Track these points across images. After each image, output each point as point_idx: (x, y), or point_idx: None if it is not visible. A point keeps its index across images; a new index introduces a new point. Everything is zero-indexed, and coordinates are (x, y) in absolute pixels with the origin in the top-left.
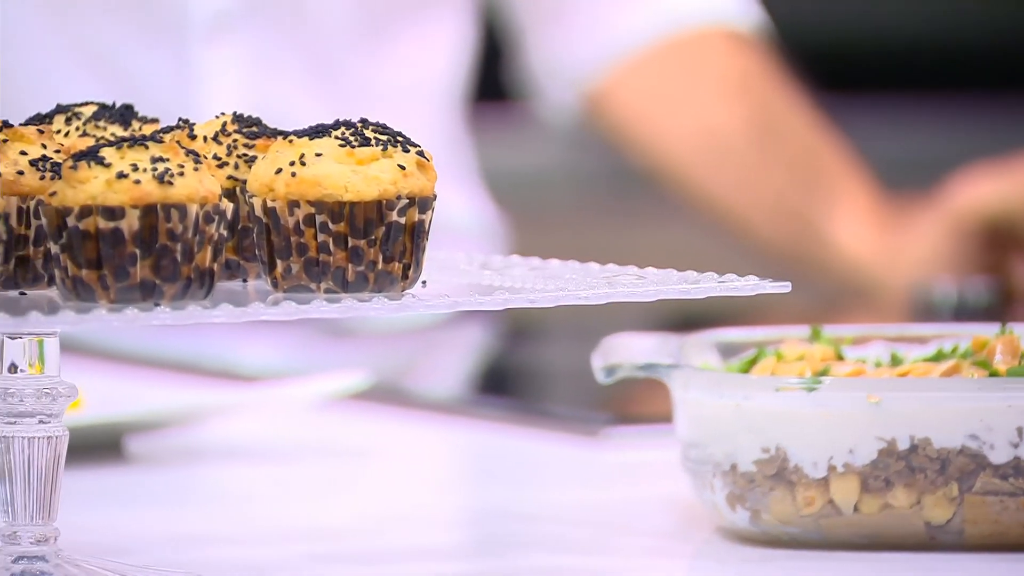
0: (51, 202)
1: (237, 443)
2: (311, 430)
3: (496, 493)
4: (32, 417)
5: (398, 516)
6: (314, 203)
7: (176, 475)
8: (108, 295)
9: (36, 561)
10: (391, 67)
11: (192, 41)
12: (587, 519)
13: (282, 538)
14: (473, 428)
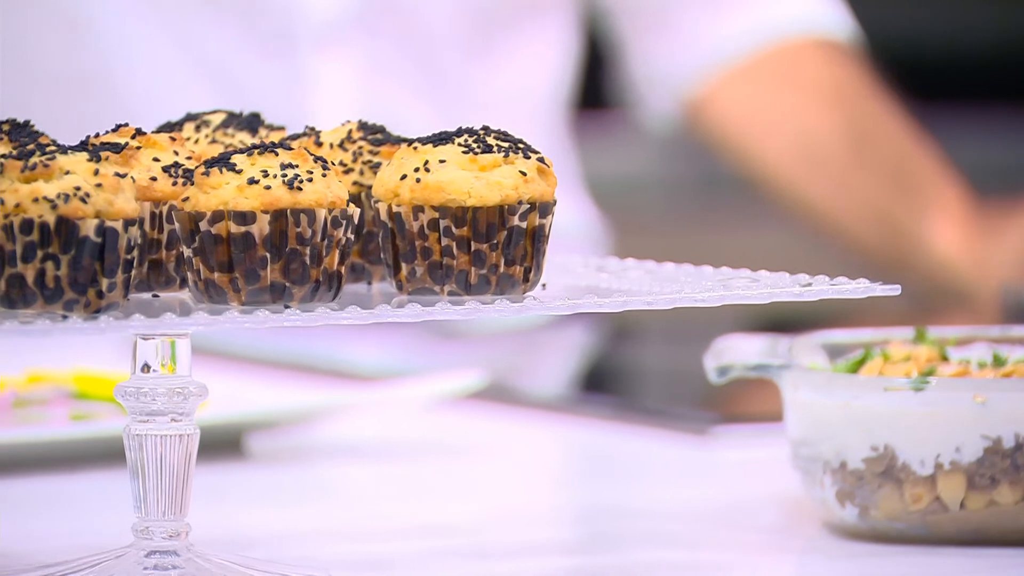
0: (184, 207)
1: (355, 441)
2: (426, 429)
3: (606, 490)
4: (164, 416)
5: (510, 512)
6: (438, 208)
7: (295, 473)
8: (239, 297)
9: (168, 556)
10: (498, 75)
11: (303, 50)
12: (696, 515)
13: (400, 534)
14: (581, 426)
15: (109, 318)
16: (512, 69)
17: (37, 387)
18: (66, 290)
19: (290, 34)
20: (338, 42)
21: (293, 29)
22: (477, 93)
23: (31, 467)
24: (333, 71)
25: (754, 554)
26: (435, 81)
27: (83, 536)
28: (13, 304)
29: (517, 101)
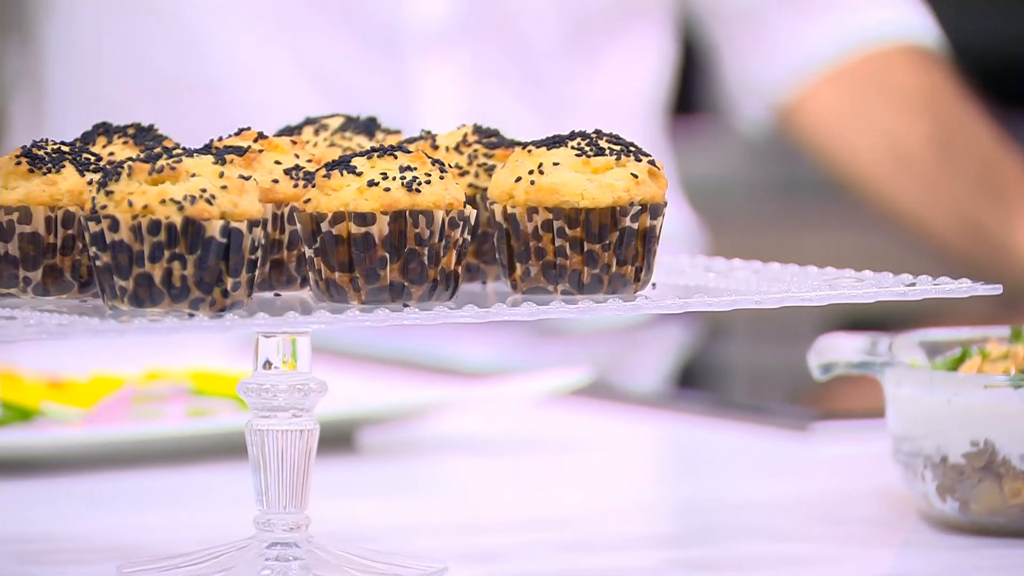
0: (305, 208)
1: (464, 436)
2: (532, 424)
3: (706, 484)
4: (286, 411)
5: (613, 506)
6: (552, 209)
7: (406, 467)
8: (359, 296)
9: (289, 547)
10: (598, 80)
11: (409, 57)
12: (797, 509)
13: (510, 527)
14: (680, 422)
15: (234, 316)
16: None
17: (155, 384)
18: (192, 289)
19: (397, 41)
20: (443, 48)
21: (399, 36)
22: (577, 98)
23: (151, 462)
24: (438, 77)
25: (854, 547)
26: (536, 86)
27: (205, 528)
28: (141, 303)
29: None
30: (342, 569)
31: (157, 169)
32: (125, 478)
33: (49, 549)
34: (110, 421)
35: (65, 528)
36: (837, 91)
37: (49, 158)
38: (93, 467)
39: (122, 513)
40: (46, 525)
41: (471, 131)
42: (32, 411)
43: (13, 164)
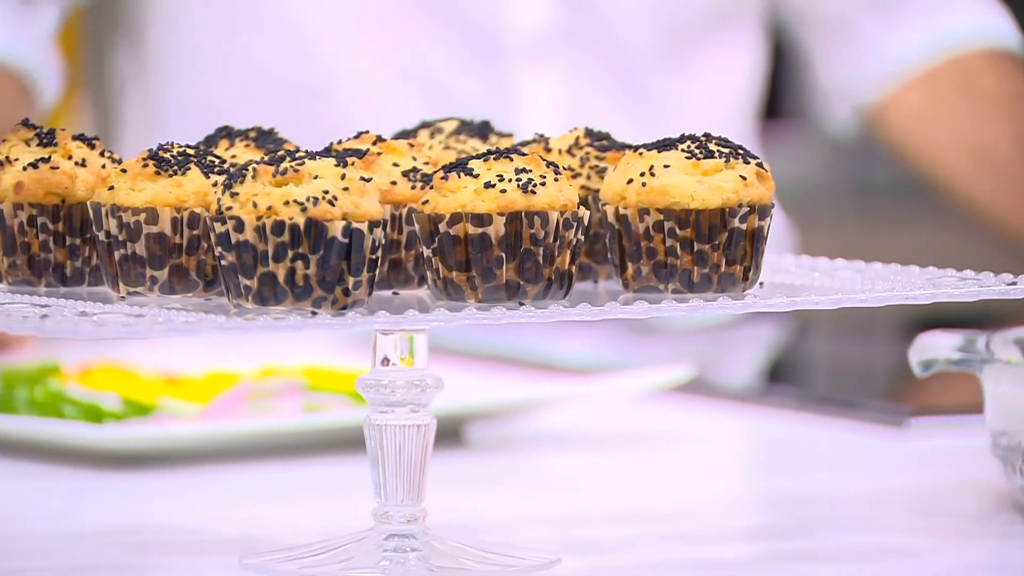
0: (423, 210)
1: (569, 431)
2: (632, 419)
3: (805, 478)
4: (403, 407)
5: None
6: (663, 210)
7: (514, 461)
8: (476, 295)
9: (407, 539)
10: (692, 85)
11: (510, 63)
12: (896, 502)
13: (617, 519)
14: (776, 418)
15: (355, 314)
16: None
17: (269, 380)
18: (315, 288)
19: (498, 48)
20: (543, 55)
21: (501, 43)
22: (672, 103)
23: (267, 456)
24: (537, 83)
25: (952, 539)
26: (632, 92)
27: (323, 520)
28: (265, 301)
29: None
30: (458, 560)
31: (281, 171)
32: (242, 472)
33: (172, 540)
34: (226, 416)
35: (187, 520)
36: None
37: (175, 160)
38: (210, 461)
39: (242, 505)
40: (168, 516)
41: (583, 134)
42: (150, 407)
43: (140, 167)
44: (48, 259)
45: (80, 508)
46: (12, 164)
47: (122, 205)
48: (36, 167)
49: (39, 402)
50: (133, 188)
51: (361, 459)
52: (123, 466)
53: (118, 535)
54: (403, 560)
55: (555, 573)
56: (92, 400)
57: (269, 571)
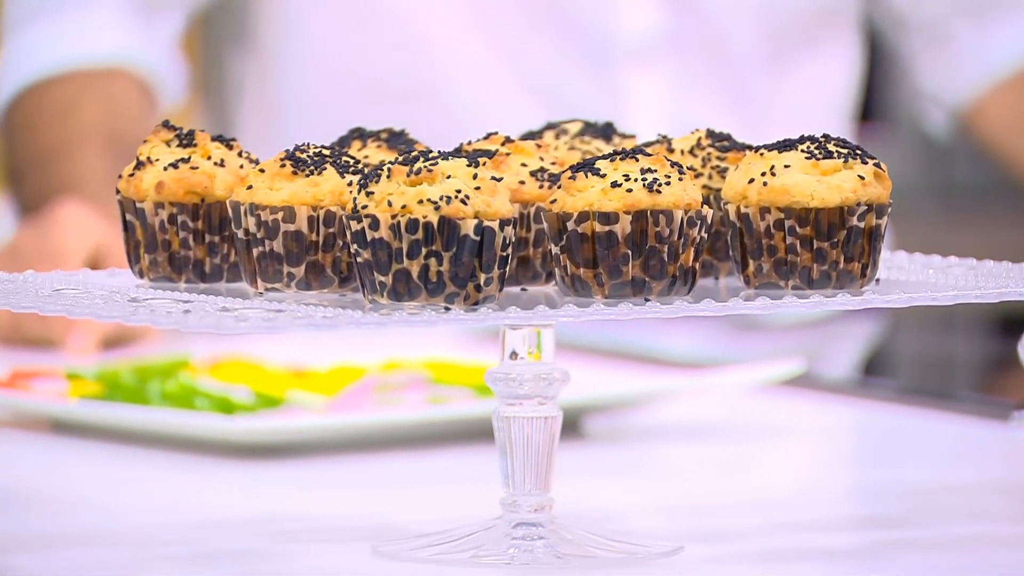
0: (552, 208)
1: (683, 423)
2: (743, 411)
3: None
4: (531, 399)
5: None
6: (783, 209)
7: (630, 452)
8: (603, 291)
9: (534, 527)
10: (793, 87)
11: (619, 66)
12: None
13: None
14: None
15: (487, 310)
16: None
17: (394, 373)
18: (448, 284)
19: (607, 51)
20: (650, 58)
21: (610, 46)
22: (773, 105)
23: (393, 447)
24: (645, 85)
25: None
26: (737, 94)
27: (452, 509)
28: (399, 297)
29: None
30: (584, 548)
31: (415, 171)
32: (369, 462)
33: (306, 528)
34: (353, 408)
35: (319, 508)
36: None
37: (311, 161)
38: (338, 452)
39: (372, 495)
40: (301, 506)
41: (704, 135)
42: (279, 399)
43: (278, 167)
44: (188, 256)
45: (213, 497)
46: (153, 164)
47: (260, 204)
48: (176, 167)
49: (172, 395)
50: (271, 187)
51: (485, 450)
52: (254, 457)
53: (252, 524)
54: (530, 548)
55: (678, 560)
56: (223, 393)
57: (401, 559)
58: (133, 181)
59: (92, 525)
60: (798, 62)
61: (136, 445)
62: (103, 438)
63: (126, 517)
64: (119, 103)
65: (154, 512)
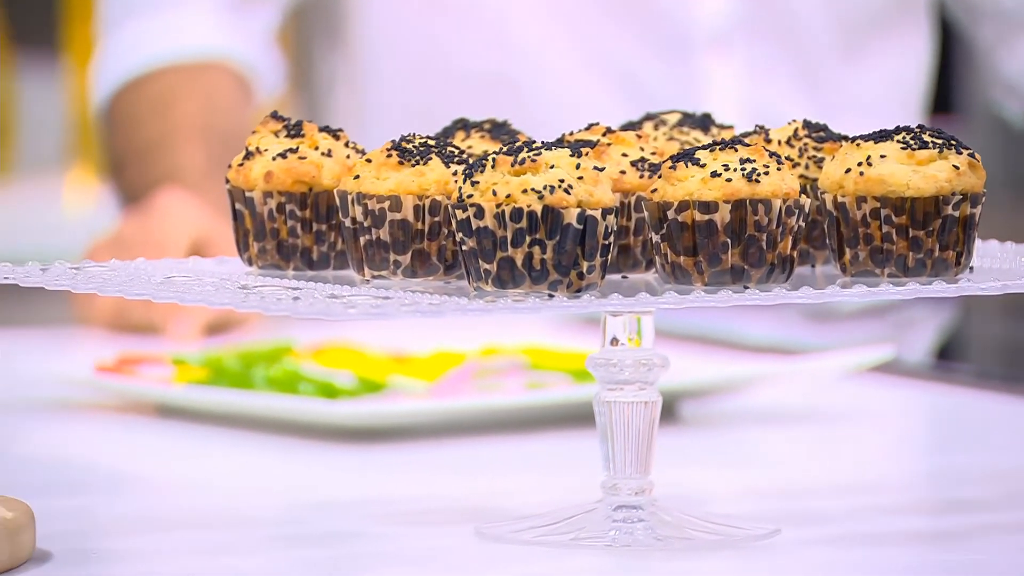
0: (652, 198)
1: (776, 408)
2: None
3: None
4: (631, 384)
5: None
6: (879, 198)
7: (725, 436)
8: (702, 278)
9: (634, 510)
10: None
11: (696, 54)
12: None
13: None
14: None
15: (590, 297)
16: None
17: (493, 359)
18: (551, 272)
19: (684, 39)
20: (725, 46)
21: (687, 34)
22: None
23: (493, 431)
24: (720, 72)
25: None
26: (811, 82)
27: (553, 492)
28: (504, 285)
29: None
30: (683, 530)
31: (519, 161)
32: (470, 446)
33: (409, 511)
34: (454, 393)
35: (422, 492)
36: None
37: (417, 151)
38: (439, 436)
39: (473, 478)
40: (404, 488)
41: (801, 126)
42: (381, 384)
43: (384, 157)
44: (296, 244)
45: (317, 481)
46: (262, 154)
47: (367, 193)
48: (285, 157)
49: (276, 380)
50: (378, 177)
51: (583, 434)
52: (356, 441)
53: (356, 506)
54: (630, 530)
55: (775, 543)
56: (326, 378)
57: (504, 540)
58: (242, 171)
59: (197, 508)
60: (870, 50)
61: (241, 429)
62: (208, 422)
63: (231, 500)
64: (216, 97)
65: (258, 495)
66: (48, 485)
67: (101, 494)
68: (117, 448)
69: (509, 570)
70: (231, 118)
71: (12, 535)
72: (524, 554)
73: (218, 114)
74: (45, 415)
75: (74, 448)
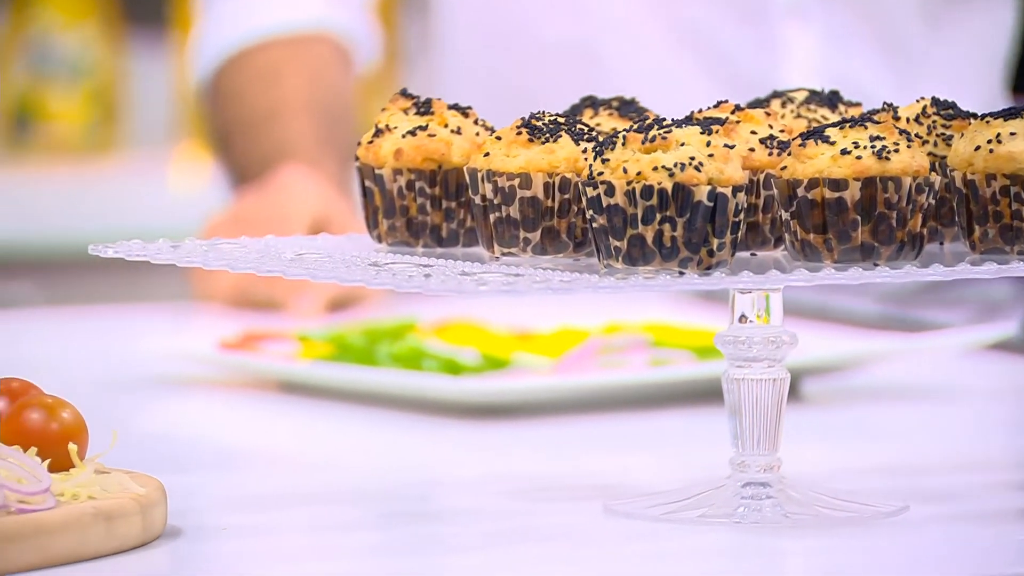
0: (781, 175)
1: (896, 384)
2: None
3: None
4: (760, 362)
5: None
6: (1009, 176)
7: (848, 413)
8: (832, 256)
9: (762, 487)
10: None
11: (775, 21)
12: None
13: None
14: None
15: (720, 274)
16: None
17: (616, 336)
18: (681, 249)
19: (764, 6)
20: (806, 14)
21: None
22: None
23: (617, 407)
24: (801, 41)
25: None
26: (891, 51)
27: (681, 469)
28: (634, 262)
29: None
30: (811, 507)
31: (650, 139)
32: (595, 423)
33: (536, 487)
34: (578, 370)
35: (549, 468)
36: None
37: (547, 128)
38: (563, 413)
39: (599, 454)
40: (530, 465)
41: (929, 103)
42: (505, 361)
43: (514, 134)
44: (425, 221)
45: (442, 457)
46: (391, 132)
47: (497, 170)
48: (414, 134)
49: (400, 356)
50: (508, 154)
51: (706, 412)
52: (481, 417)
53: (482, 483)
54: (759, 507)
55: (905, 520)
56: (450, 354)
57: (633, 517)
58: (372, 148)
59: (323, 484)
60: (951, 20)
61: (365, 406)
62: (333, 399)
63: (356, 477)
64: (320, 68)
65: (382, 471)
66: (174, 461)
67: (226, 470)
68: (242, 424)
69: (638, 546)
70: (336, 90)
71: (145, 511)
72: (653, 530)
73: (323, 87)
74: (169, 392)
75: (198, 425)
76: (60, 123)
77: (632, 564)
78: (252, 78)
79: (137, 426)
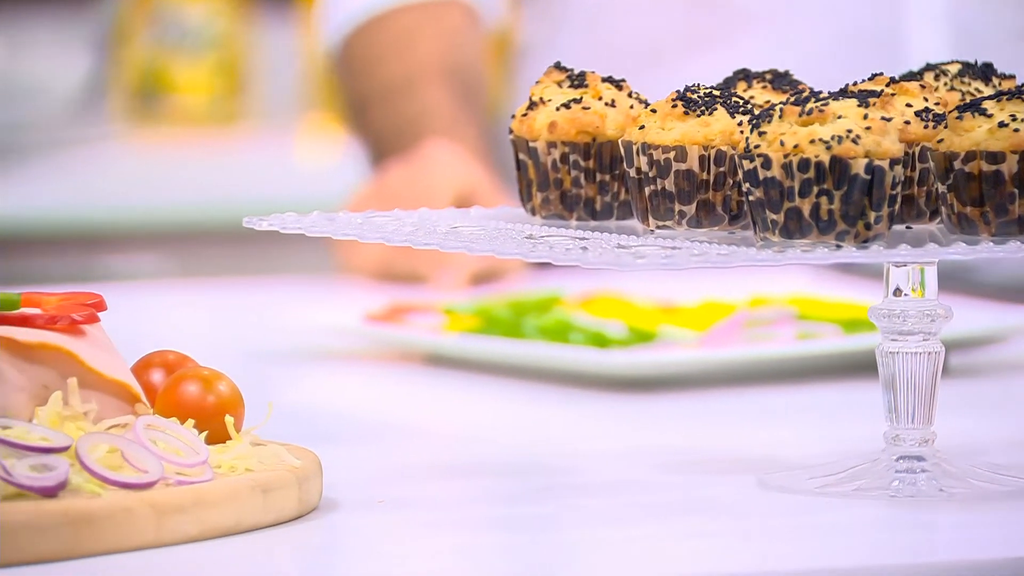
0: (938, 148)
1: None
2: None
3: None
4: (915, 335)
5: None
6: None
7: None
8: (989, 229)
9: (917, 460)
10: None
11: None
12: None
13: None
14: None
15: (877, 247)
16: None
17: (763, 309)
18: (838, 222)
19: None
20: None
21: None
22: None
23: (765, 380)
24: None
25: None
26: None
27: (834, 443)
28: (791, 235)
29: None
30: (967, 482)
31: (806, 112)
32: (742, 396)
33: (689, 460)
34: (725, 343)
35: (701, 442)
36: None
37: (702, 101)
38: (711, 386)
39: (754, 428)
40: (681, 439)
41: None
42: (651, 334)
43: (669, 107)
44: (579, 194)
45: (590, 429)
46: (546, 104)
47: (652, 143)
48: (568, 107)
49: (547, 329)
50: (663, 127)
51: (855, 385)
52: (629, 390)
53: (633, 455)
54: (914, 481)
55: None
56: (597, 327)
57: (788, 490)
58: (526, 121)
59: (470, 457)
60: None
61: (512, 378)
62: (479, 372)
63: (503, 449)
64: (453, 33)
65: (530, 444)
66: (325, 434)
67: (375, 443)
68: (389, 397)
69: (793, 520)
70: (470, 55)
71: (301, 483)
72: (807, 504)
73: (457, 52)
74: (316, 364)
75: (346, 397)
76: (187, 95)
77: (788, 538)
78: (385, 45)
79: (287, 399)
